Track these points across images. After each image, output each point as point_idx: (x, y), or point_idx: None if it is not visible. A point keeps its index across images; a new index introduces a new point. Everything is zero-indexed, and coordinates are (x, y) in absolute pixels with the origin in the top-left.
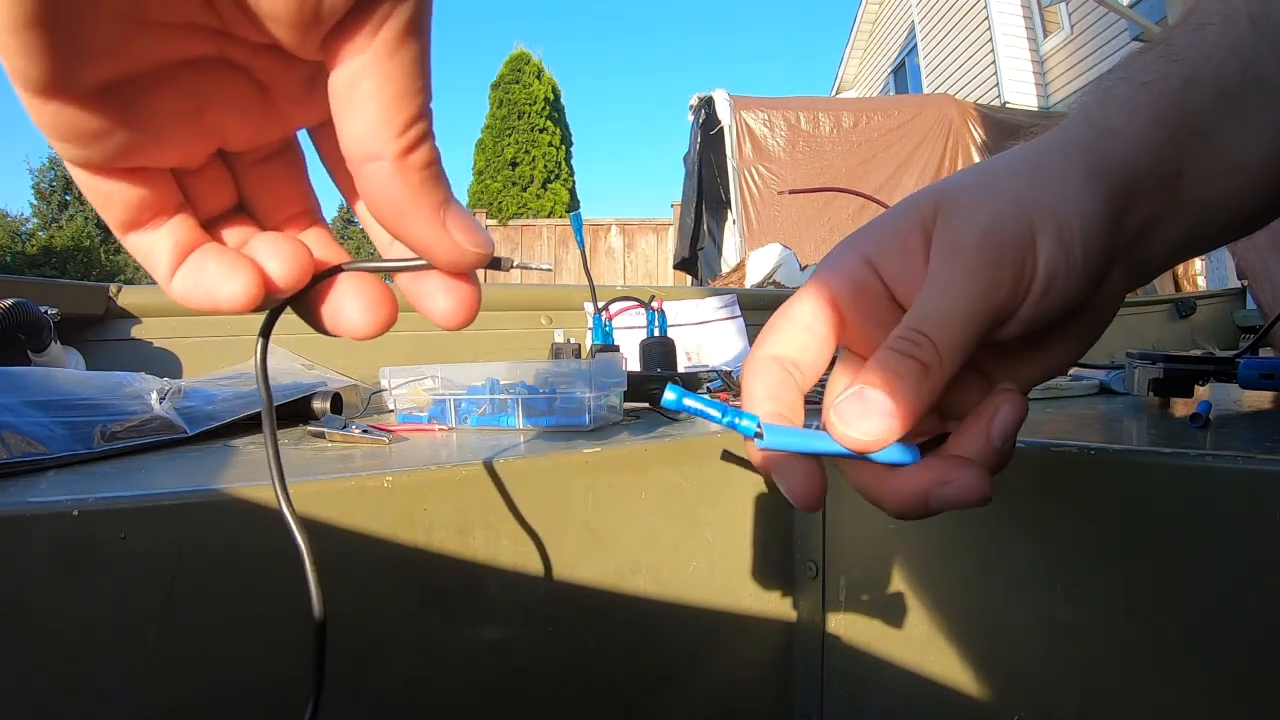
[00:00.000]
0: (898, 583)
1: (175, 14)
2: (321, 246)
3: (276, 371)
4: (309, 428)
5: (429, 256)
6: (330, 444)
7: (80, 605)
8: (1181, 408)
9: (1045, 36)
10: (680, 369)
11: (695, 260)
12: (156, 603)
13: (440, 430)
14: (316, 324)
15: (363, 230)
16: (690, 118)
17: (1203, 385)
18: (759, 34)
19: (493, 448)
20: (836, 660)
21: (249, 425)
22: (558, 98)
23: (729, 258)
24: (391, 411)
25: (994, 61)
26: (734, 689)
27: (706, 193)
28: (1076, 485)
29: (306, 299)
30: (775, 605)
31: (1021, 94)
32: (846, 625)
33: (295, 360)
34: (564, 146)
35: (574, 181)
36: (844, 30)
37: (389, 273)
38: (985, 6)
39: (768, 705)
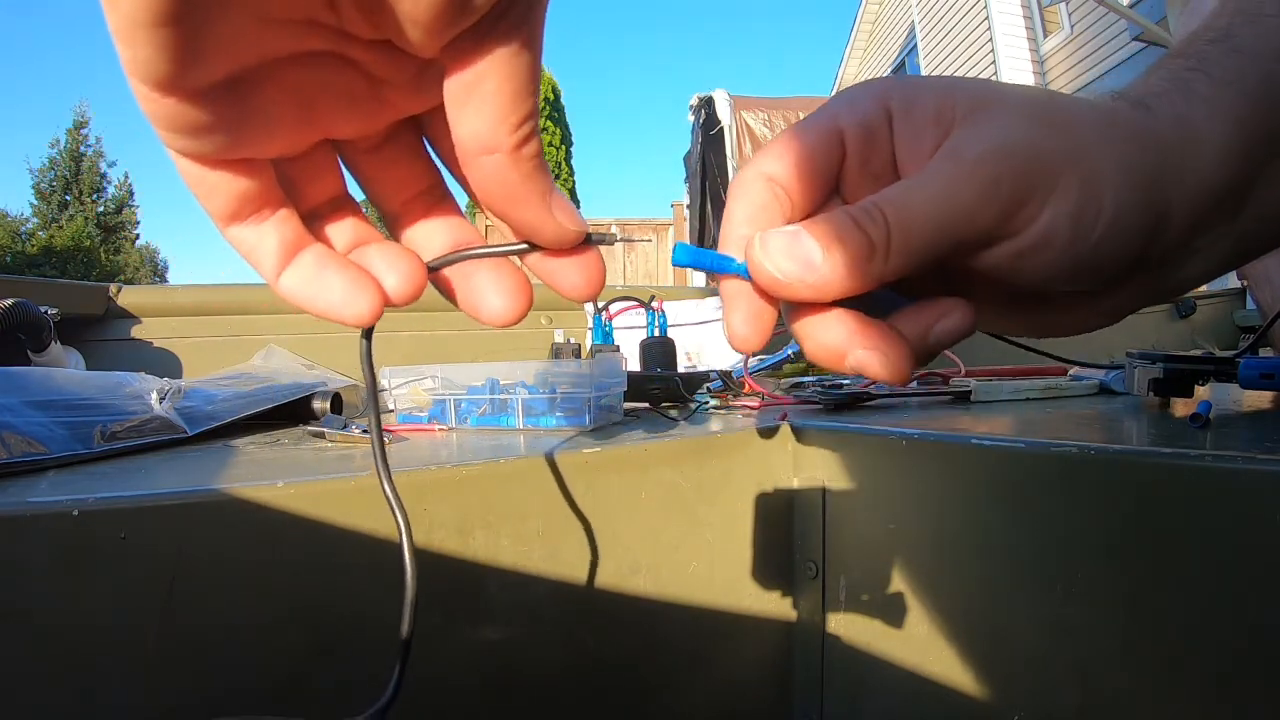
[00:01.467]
0: (898, 583)
1: (297, 11)
2: (449, 226)
3: (277, 371)
4: (309, 428)
5: (536, 237)
6: (330, 444)
7: (80, 605)
8: (1181, 408)
9: (1045, 36)
10: (680, 369)
11: None
12: (156, 603)
13: (440, 430)
14: (452, 301)
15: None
16: (690, 118)
17: (1203, 385)
18: (759, 34)
19: (493, 448)
20: (836, 660)
21: (249, 425)
22: (557, 97)
23: None
24: (391, 411)
25: (994, 61)
26: (734, 689)
27: (708, 192)
28: (1076, 485)
29: (445, 284)
30: (775, 605)
31: None
32: (846, 625)
33: (295, 360)
34: (564, 146)
35: (574, 181)
36: (844, 30)
37: (495, 256)
38: (985, 6)
39: (768, 705)
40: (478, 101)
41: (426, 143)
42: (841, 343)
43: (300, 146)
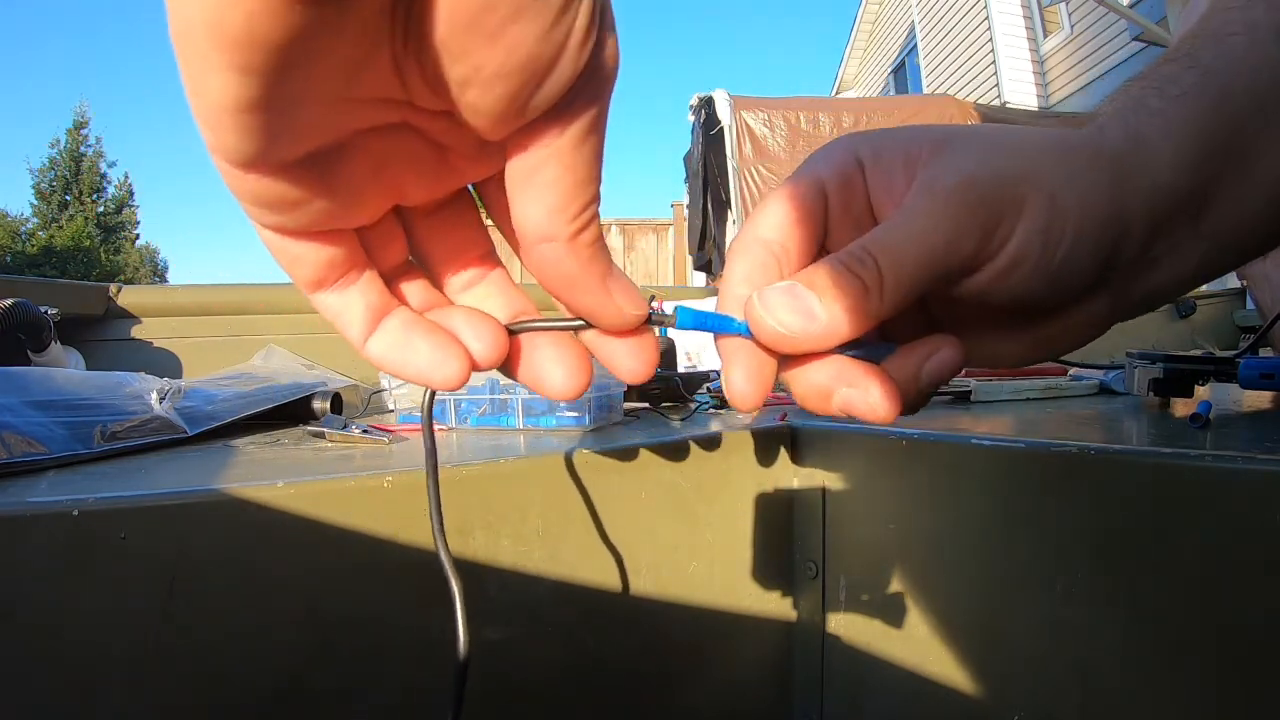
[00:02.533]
0: (898, 583)
1: (376, 91)
2: (502, 293)
3: (277, 371)
4: (309, 428)
5: (595, 321)
6: (330, 444)
7: (80, 605)
8: (1181, 408)
9: (1045, 36)
10: (680, 369)
11: (711, 260)
12: (156, 603)
13: (440, 430)
14: (512, 376)
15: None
16: (690, 118)
17: (1203, 385)
18: (759, 34)
19: (493, 448)
20: (836, 660)
21: (249, 425)
22: None
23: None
24: (391, 411)
25: (994, 61)
26: (734, 689)
27: (709, 192)
28: (1076, 485)
29: (514, 351)
30: (775, 605)
31: (1021, 94)
32: (846, 625)
33: (295, 360)
34: None
35: None
36: (844, 30)
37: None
38: (985, 6)
39: (768, 705)
40: (536, 190)
41: (486, 209)
42: (828, 382)
43: (378, 214)
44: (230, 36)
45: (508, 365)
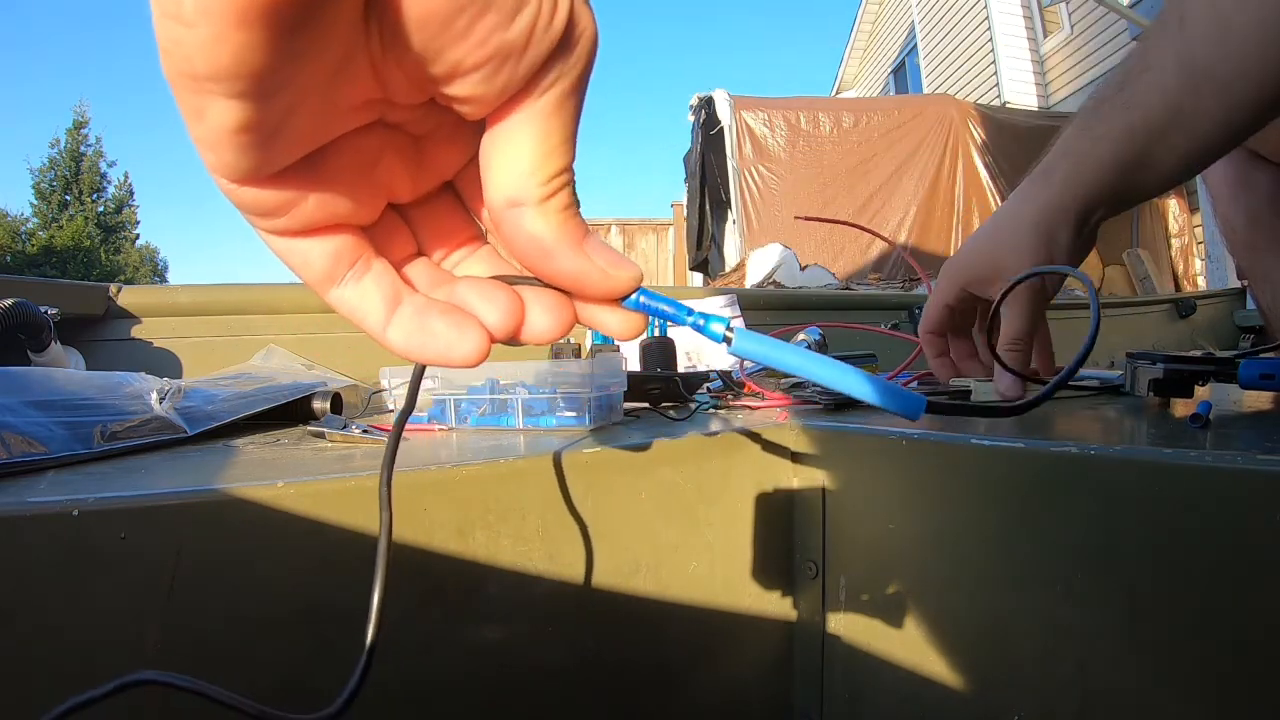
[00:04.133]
0: (898, 583)
1: (356, 95)
2: (493, 264)
3: (277, 371)
4: (309, 428)
5: (583, 288)
6: (330, 444)
7: (80, 605)
8: (1181, 408)
9: (1045, 36)
10: (680, 369)
11: (708, 260)
12: (156, 603)
13: (440, 430)
14: None
15: None
16: (690, 118)
17: (1203, 385)
18: (759, 34)
19: (493, 448)
20: (836, 660)
21: (249, 425)
22: None
23: (729, 258)
24: (391, 411)
25: (994, 61)
26: (734, 689)
27: (708, 192)
28: (1077, 485)
29: None
30: (775, 605)
31: (1021, 94)
32: (846, 625)
33: (295, 360)
34: None
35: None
36: (844, 30)
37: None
38: (985, 6)
39: (768, 705)
40: (507, 155)
41: (462, 199)
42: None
43: (376, 213)
44: (223, 70)
45: None
